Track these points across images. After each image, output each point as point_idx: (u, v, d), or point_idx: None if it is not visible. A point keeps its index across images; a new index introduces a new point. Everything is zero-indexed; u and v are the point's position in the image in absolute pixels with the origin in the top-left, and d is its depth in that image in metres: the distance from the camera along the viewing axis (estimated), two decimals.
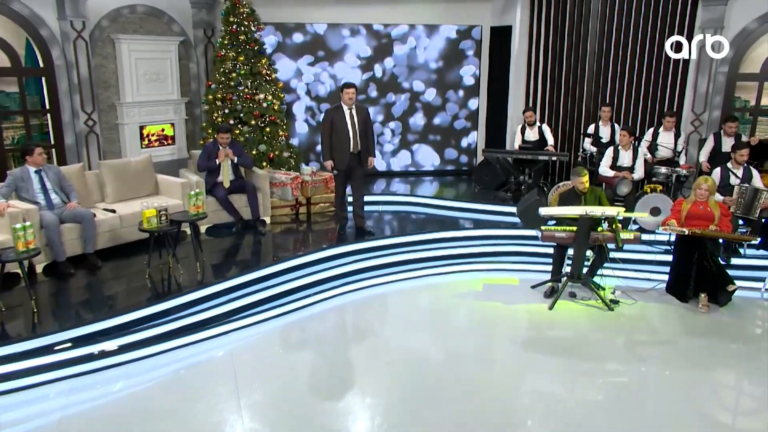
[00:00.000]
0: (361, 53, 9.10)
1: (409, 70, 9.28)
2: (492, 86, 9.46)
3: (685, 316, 5.30)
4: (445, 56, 9.31)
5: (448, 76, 9.40)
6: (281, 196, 7.32)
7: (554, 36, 8.58)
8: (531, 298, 5.71)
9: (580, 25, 8.41)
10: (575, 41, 8.48)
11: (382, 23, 9.03)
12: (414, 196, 8.22)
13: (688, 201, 5.66)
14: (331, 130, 6.29)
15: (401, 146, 9.62)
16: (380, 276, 6.09)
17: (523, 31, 8.68)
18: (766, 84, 7.68)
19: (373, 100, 9.29)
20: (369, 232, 6.63)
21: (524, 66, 8.81)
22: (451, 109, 9.57)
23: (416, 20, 9.10)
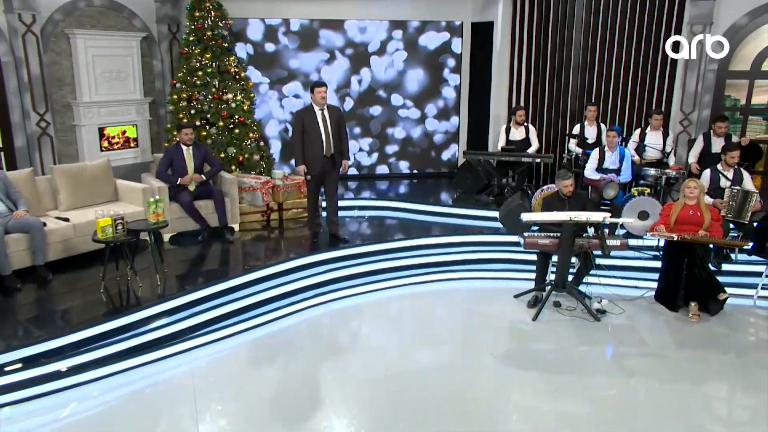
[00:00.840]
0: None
1: (386, 72, 9.22)
2: (473, 85, 9.39)
3: (675, 327, 5.24)
4: (424, 60, 9.28)
5: (427, 76, 9.36)
6: (251, 201, 7.15)
7: (537, 32, 8.54)
8: (514, 308, 5.62)
9: (565, 20, 8.38)
10: (560, 37, 8.45)
11: (358, 19, 8.92)
12: (391, 201, 8.11)
13: (677, 205, 5.62)
14: (302, 133, 6.15)
15: (379, 149, 9.54)
16: (355, 286, 5.98)
17: (505, 27, 8.61)
18: (757, 82, 7.72)
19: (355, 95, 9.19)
20: (343, 239, 6.51)
21: (506, 64, 8.75)
22: (432, 109, 9.52)
23: (395, 16, 9.00)
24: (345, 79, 9.16)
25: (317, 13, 8.77)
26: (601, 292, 5.74)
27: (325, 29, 8.93)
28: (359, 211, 7.87)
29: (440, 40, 9.27)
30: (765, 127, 8.00)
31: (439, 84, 9.45)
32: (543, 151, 8.66)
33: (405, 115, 9.48)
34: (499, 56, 8.77)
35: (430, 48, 9.28)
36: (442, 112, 9.57)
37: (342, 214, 7.16)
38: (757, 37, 7.56)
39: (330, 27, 8.92)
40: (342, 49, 9.05)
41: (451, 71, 9.43)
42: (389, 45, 9.15)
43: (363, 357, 4.73)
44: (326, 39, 8.96)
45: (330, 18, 8.85)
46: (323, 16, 8.81)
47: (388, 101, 9.37)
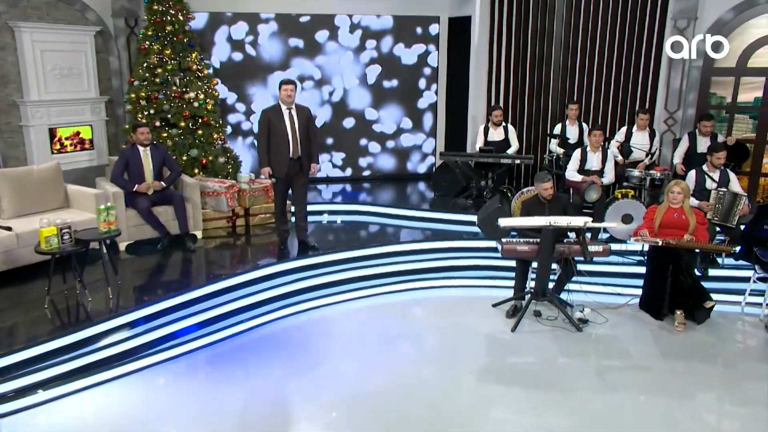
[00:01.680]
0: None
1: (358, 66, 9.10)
2: (451, 84, 9.31)
3: (661, 336, 5.17)
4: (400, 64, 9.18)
5: (403, 74, 9.26)
6: (215, 207, 6.96)
7: (517, 27, 8.46)
8: (492, 318, 5.52)
9: (545, 15, 8.32)
10: (540, 33, 8.39)
11: (332, 13, 8.79)
12: (364, 205, 7.99)
13: (661, 208, 5.56)
14: (268, 134, 5.99)
15: (351, 151, 9.42)
16: (325, 296, 5.85)
17: (483, 22, 8.53)
18: (743, 79, 7.72)
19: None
20: (313, 246, 6.36)
21: (485, 61, 8.68)
22: (409, 108, 9.42)
23: (371, 10, 8.88)
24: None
25: (285, 7, 8.60)
26: (584, 300, 5.68)
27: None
28: (329, 215, 7.74)
29: (416, 42, 9.20)
30: (752, 126, 7.99)
31: (415, 84, 9.35)
32: (523, 152, 8.60)
33: (377, 114, 9.37)
34: (477, 53, 8.68)
35: (405, 47, 9.18)
36: (418, 111, 9.47)
37: (312, 219, 7.01)
38: (743, 33, 7.56)
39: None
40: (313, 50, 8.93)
41: (428, 69, 9.34)
42: (364, 43, 9.04)
43: (331, 374, 4.57)
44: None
45: (304, 12, 8.70)
46: (292, 9, 8.65)
47: (360, 101, 9.24)
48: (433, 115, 9.50)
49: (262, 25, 8.62)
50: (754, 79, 7.71)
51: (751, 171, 7.83)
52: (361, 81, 9.15)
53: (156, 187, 6.29)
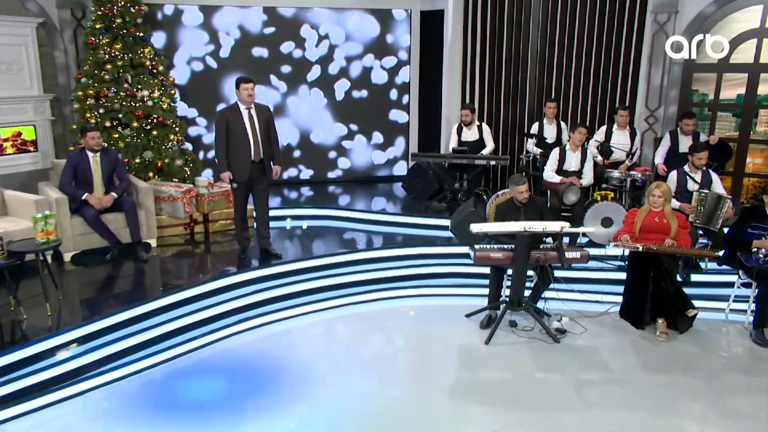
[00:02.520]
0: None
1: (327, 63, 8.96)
2: (424, 81, 9.20)
3: (642, 347, 5.08)
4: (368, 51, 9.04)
5: (372, 72, 9.13)
6: (171, 213, 6.73)
7: (492, 21, 8.36)
8: (465, 329, 5.40)
9: (521, 9, 8.24)
10: (516, 28, 8.31)
11: (295, 6, 8.61)
12: (331, 209, 7.84)
13: (641, 211, 5.49)
14: (226, 136, 5.79)
15: (319, 151, 9.27)
16: (288, 308, 5.69)
17: (456, 16, 8.41)
18: (726, 76, 7.70)
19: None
20: (275, 254, 6.18)
21: (459, 57, 8.57)
22: (380, 109, 9.31)
23: (338, 4, 8.73)
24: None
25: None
26: (562, 309, 5.58)
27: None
28: (292, 221, 7.58)
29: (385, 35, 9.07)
30: (735, 124, 7.98)
31: (387, 80, 9.23)
32: (499, 152, 8.52)
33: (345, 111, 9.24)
34: (450, 48, 8.57)
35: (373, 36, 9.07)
36: (388, 108, 9.38)
37: (274, 225, 6.83)
38: (725, 27, 7.53)
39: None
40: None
41: (400, 65, 9.22)
42: (331, 34, 8.90)
43: (292, 393, 4.37)
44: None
45: (268, 5, 8.51)
46: (253, 3, 8.46)
47: (329, 97, 9.09)
48: (405, 115, 9.39)
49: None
50: (736, 76, 7.68)
51: (734, 171, 7.80)
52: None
53: (105, 203, 6.02)
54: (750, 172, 7.90)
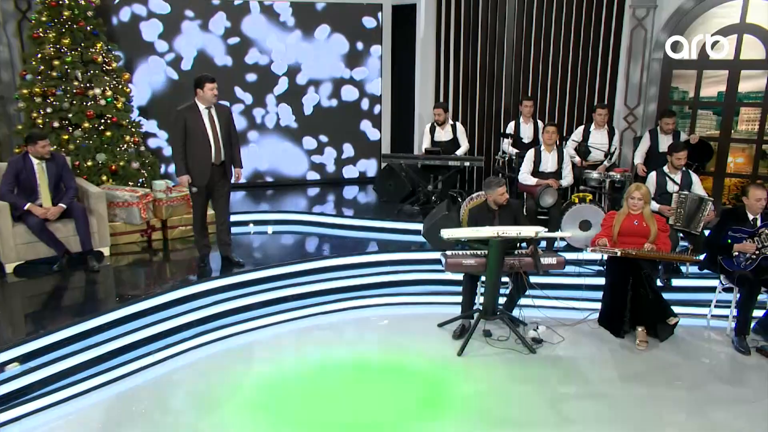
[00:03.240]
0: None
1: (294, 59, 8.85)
2: (396, 79, 9.13)
3: (621, 357, 5.02)
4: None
5: (344, 67, 9.03)
6: (126, 219, 6.53)
7: (466, 16, 8.31)
8: (437, 339, 5.30)
9: (497, 3, 8.20)
10: (491, 23, 8.26)
11: (259, 0, 8.47)
12: (298, 213, 7.69)
13: (620, 214, 5.45)
14: (184, 137, 5.62)
15: (285, 151, 9.16)
16: (251, 319, 5.54)
17: (429, 10, 8.36)
18: (706, 72, 7.71)
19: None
20: (237, 262, 6.03)
21: (432, 54, 8.52)
22: (351, 108, 9.22)
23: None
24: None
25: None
26: (538, 316, 5.53)
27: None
28: (255, 226, 7.43)
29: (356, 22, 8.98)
30: (716, 123, 8.00)
31: (357, 77, 9.13)
32: (475, 153, 8.46)
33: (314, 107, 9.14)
34: (423, 44, 8.50)
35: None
36: (359, 105, 9.28)
37: (236, 231, 6.68)
38: (705, 23, 7.53)
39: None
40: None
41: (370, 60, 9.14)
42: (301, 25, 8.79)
43: (254, 411, 4.23)
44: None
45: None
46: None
47: (297, 95, 8.98)
48: (377, 113, 9.31)
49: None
50: (717, 73, 7.69)
51: (715, 171, 7.81)
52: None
53: (52, 216, 5.80)
54: (731, 172, 7.91)
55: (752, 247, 5.04)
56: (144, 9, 8.05)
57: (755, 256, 5.04)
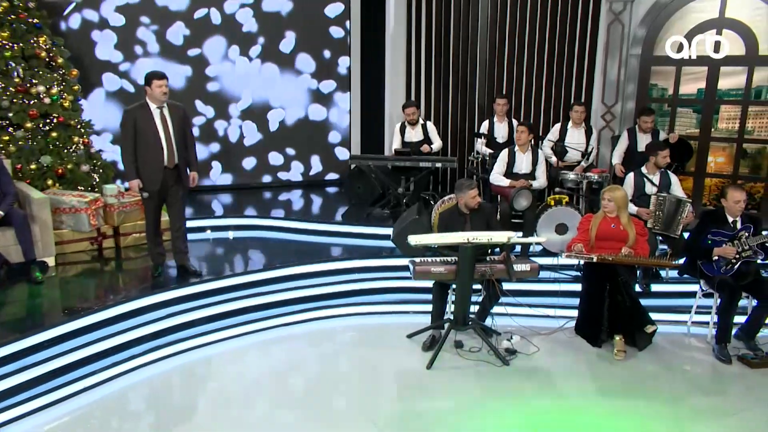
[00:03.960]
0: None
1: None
2: (366, 75, 9.05)
3: (599, 368, 4.95)
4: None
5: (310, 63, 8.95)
6: (74, 226, 6.31)
7: (438, 11, 8.26)
8: (406, 351, 5.21)
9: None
10: (463, 18, 8.21)
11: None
12: (260, 218, 7.56)
13: (596, 217, 5.41)
14: (134, 139, 5.44)
15: (247, 151, 9.05)
16: (210, 332, 5.40)
17: (399, 3, 8.29)
18: (685, 69, 7.71)
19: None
20: (195, 272, 5.87)
21: (402, 50, 8.45)
22: (319, 106, 9.16)
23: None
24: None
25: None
26: (512, 326, 5.47)
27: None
28: (211, 232, 7.28)
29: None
30: (696, 121, 8.02)
31: (327, 73, 9.05)
32: (448, 153, 8.43)
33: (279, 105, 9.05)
34: (393, 39, 8.44)
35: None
36: (327, 104, 9.22)
37: (193, 238, 6.52)
38: (683, 17, 7.54)
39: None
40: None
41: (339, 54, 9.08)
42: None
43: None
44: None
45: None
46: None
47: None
48: (347, 112, 9.25)
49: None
50: (697, 69, 7.70)
51: (695, 171, 7.83)
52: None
53: None
54: (712, 172, 7.92)
55: (732, 250, 5.01)
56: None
57: (735, 260, 5.02)
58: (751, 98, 7.48)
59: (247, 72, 8.71)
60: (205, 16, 8.39)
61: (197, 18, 8.35)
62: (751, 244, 4.98)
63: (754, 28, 7.19)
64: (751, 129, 7.61)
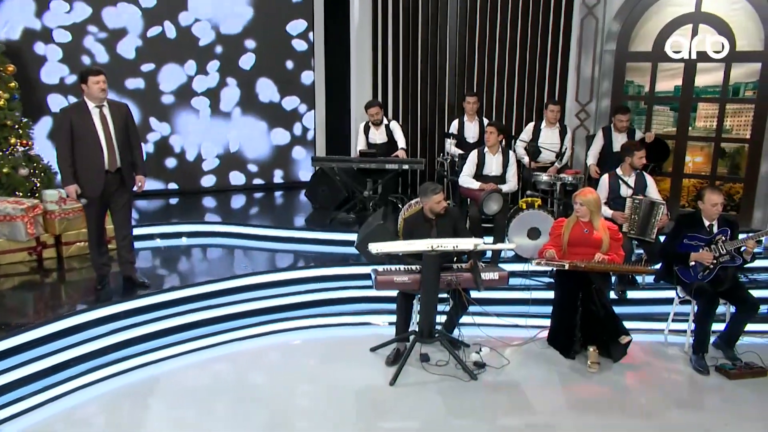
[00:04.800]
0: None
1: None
2: (331, 73, 8.96)
3: (572, 381, 4.87)
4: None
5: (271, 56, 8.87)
6: (9, 235, 6.08)
7: (405, 5, 8.19)
8: (369, 366, 5.09)
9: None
10: (432, 12, 8.15)
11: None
12: (218, 224, 7.40)
13: (569, 221, 5.35)
14: (71, 141, 5.24)
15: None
16: (157, 349, 5.23)
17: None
18: (661, 65, 7.71)
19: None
20: (142, 283, 5.69)
21: (368, 45, 8.36)
22: (281, 105, 9.11)
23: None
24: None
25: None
26: (482, 336, 5.38)
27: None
28: (161, 240, 7.08)
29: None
30: (673, 119, 8.02)
31: (289, 68, 8.97)
32: (417, 155, 8.40)
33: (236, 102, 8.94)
34: (358, 35, 8.36)
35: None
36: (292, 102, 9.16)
37: (141, 246, 6.38)
38: (659, 12, 7.56)
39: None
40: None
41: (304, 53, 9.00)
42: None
43: None
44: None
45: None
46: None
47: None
48: (311, 111, 9.19)
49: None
50: (674, 66, 7.69)
51: (673, 171, 7.82)
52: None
53: None
54: (690, 173, 7.92)
55: (709, 256, 4.96)
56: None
57: (712, 265, 4.98)
58: (729, 96, 7.50)
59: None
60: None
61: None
62: (729, 248, 4.94)
63: (731, 23, 7.21)
64: (729, 127, 7.62)
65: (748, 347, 5.21)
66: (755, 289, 5.87)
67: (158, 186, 8.65)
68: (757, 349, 5.18)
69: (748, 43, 7.23)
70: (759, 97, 7.29)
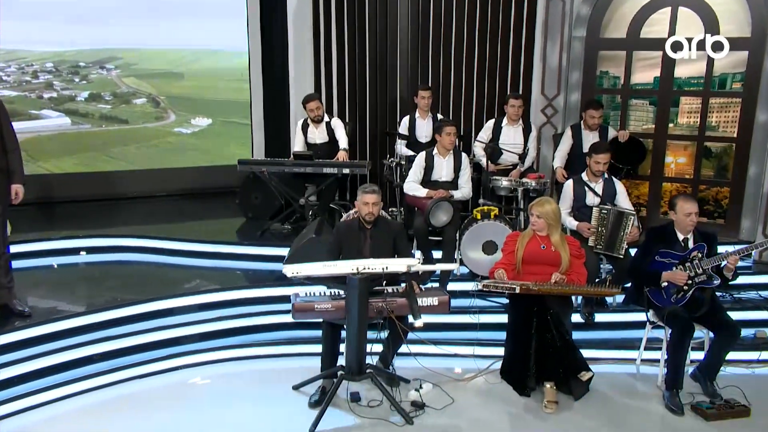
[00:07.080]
0: None
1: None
2: (268, 68, 8.82)
3: (524, 425, 4.55)
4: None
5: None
6: None
7: None
8: (289, 408, 4.76)
9: None
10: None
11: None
12: (126, 238, 7.03)
13: (525, 235, 5.07)
14: None
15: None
16: (40, 391, 4.81)
17: None
18: (636, 54, 7.51)
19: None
20: (21, 312, 5.29)
21: (309, 36, 8.13)
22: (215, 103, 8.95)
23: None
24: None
25: None
26: (422, 369, 5.05)
27: None
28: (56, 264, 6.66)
29: None
30: (653, 115, 7.79)
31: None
32: (367, 156, 8.20)
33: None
34: (295, 24, 8.13)
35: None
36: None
37: (22, 266, 6.01)
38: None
39: None
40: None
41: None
42: None
43: None
44: None
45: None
46: None
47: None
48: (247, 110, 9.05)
49: None
50: (651, 54, 7.47)
51: (651, 174, 7.58)
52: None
53: None
54: (671, 176, 7.66)
55: (683, 276, 4.67)
56: None
57: (687, 287, 4.68)
58: (714, 88, 7.24)
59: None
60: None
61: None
62: (705, 267, 4.65)
63: (715, 6, 6.97)
64: (714, 124, 7.38)
65: (730, 380, 4.89)
66: (741, 310, 5.69)
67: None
68: (740, 382, 4.86)
69: (735, 29, 7.00)
70: (746, 89, 7.02)
